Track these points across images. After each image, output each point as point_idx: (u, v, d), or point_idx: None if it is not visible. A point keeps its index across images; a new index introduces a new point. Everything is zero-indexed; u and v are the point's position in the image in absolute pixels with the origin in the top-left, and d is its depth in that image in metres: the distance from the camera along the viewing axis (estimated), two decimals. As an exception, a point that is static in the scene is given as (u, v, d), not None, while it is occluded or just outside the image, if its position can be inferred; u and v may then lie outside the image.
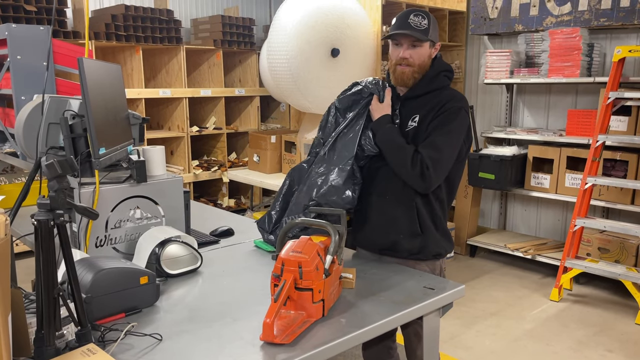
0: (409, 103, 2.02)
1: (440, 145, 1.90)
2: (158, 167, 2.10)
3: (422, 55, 1.96)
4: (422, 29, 1.93)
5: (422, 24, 1.93)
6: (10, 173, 4.65)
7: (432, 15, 2.01)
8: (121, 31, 4.67)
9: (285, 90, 3.97)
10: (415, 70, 1.97)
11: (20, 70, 2.74)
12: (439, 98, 1.98)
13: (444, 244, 2.06)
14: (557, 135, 4.29)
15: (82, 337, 1.30)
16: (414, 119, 1.98)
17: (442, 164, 1.91)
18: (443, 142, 1.91)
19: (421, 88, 2.01)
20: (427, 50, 1.98)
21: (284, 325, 1.41)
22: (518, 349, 3.20)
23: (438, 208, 2.02)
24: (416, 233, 1.97)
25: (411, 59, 1.96)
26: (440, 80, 2.02)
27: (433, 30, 1.96)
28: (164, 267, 1.82)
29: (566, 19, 4.19)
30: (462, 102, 1.98)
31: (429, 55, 2.00)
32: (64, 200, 1.23)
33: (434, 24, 1.99)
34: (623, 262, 3.95)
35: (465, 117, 1.97)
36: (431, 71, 2.01)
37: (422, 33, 1.92)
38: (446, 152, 1.92)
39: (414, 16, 1.94)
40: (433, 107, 1.96)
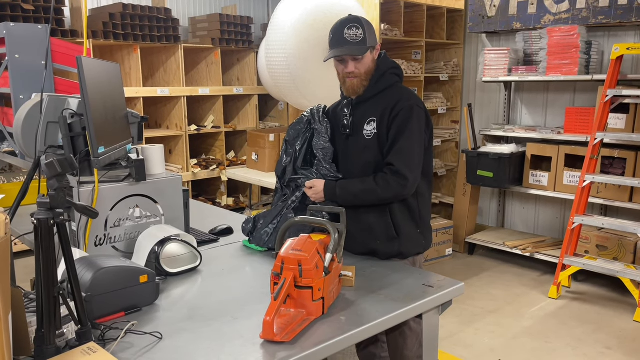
0: (361, 106, 2.06)
1: (407, 149, 1.96)
2: (157, 166, 2.10)
3: (366, 63, 2.00)
4: (359, 40, 1.95)
5: (357, 36, 1.95)
6: (9, 172, 4.64)
7: (363, 19, 2.01)
8: (119, 30, 4.66)
9: (284, 88, 3.97)
10: (363, 79, 2.02)
11: (18, 69, 2.74)
12: (388, 99, 2.00)
13: (423, 241, 2.10)
14: (556, 133, 4.29)
15: (83, 335, 1.30)
16: (369, 123, 2.02)
17: (415, 165, 1.97)
18: (409, 145, 1.96)
19: (370, 90, 2.04)
20: (369, 56, 2.01)
21: (284, 324, 1.41)
22: (517, 346, 3.21)
23: (418, 203, 2.06)
24: (392, 237, 2.02)
25: (357, 70, 2.00)
26: (387, 79, 2.05)
27: (370, 35, 1.98)
28: (163, 266, 1.83)
29: (564, 17, 4.20)
30: (412, 99, 2.01)
31: (372, 59, 2.03)
32: (63, 199, 1.23)
33: (369, 27, 2.00)
34: (621, 259, 3.96)
35: (418, 111, 1.99)
36: (377, 72, 2.04)
37: (359, 45, 1.95)
38: (415, 152, 1.98)
39: (348, 30, 1.96)
40: (385, 108, 1.99)
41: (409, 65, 4.75)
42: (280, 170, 2.18)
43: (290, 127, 2.20)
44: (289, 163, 2.15)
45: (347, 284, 1.75)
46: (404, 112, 1.97)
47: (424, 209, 2.09)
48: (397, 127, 1.97)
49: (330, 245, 1.57)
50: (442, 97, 5.22)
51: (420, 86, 4.86)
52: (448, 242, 4.78)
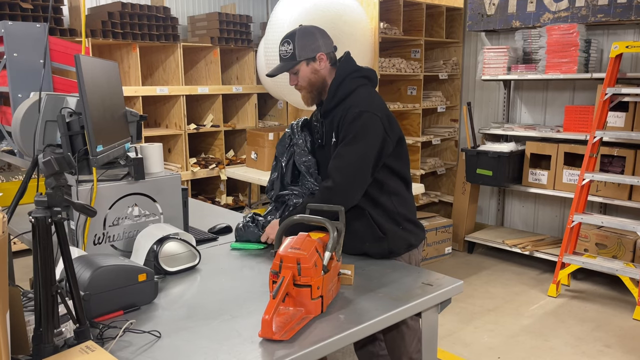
0: (328, 115, 2.06)
1: (342, 154, 1.93)
2: (156, 165, 2.10)
3: (304, 76, 2.02)
4: (288, 55, 2.01)
5: (287, 51, 2.01)
6: (8, 171, 4.64)
7: (303, 30, 2.01)
8: (118, 29, 4.66)
9: (283, 87, 3.97)
10: (307, 90, 2.05)
11: (16, 68, 2.73)
12: (346, 106, 1.98)
13: (411, 237, 2.08)
14: (555, 131, 4.29)
15: (81, 334, 1.30)
16: (337, 132, 2.01)
17: (347, 170, 1.91)
18: (346, 151, 1.93)
19: (329, 100, 2.03)
20: (306, 69, 2.01)
21: (283, 322, 1.41)
22: (516, 344, 3.21)
23: (394, 204, 2.03)
24: (379, 237, 2.01)
25: (298, 84, 2.04)
26: (347, 85, 2.01)
27: (301, 48, 1.99)
28: (162, 265, 1.82)
29: (563, 15, 4.19)
30: (363, 104, 1.95)
31: (313, 70, 2.02)
32: (61, 198, 1.23)
33: (304, 38, 1.99)
34: (620, 257, 3.96)
35: (369, 117, 1.93)
36: (336, 79, 2.02)
37: (288, 61, 2.00)
38: (349, 158, 1.92)
39: (281, 46, 2.03)
40: (340, 118, 1.98)
41: (408, 63, 4.75)
42: (269, 186, 2.22)
43: (278, 143, 2.22)
44: (276, 179, 2.18)
45: (346, 283, 1.75)
46: (350, 118, 1.93)
47: (401, 207, 2.06)
48: (343, 134, 1.95)
49: (329, 243, 1.56)
50: (442, 96, 5.22)
51: (419, 85, 4.86)
52: (447, 241, 4.78)
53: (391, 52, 5.03)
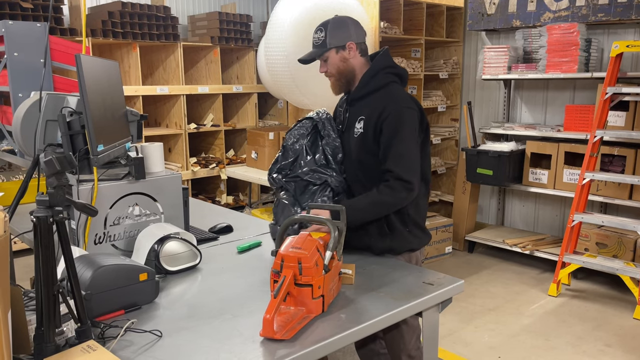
0: (355, 104, 2.08)
1: (404, 153, 1.94)
2: (156, 164, 2.10)
3: (332, 64, 2.06)
4: (319, 43, 2.06)
5: (319, 39, 2.06)
6: (8, 171, 4.63)
7: (336, 20, 2.06)
8: (118, 28, 4.66)
9: (283, 87, 3.96)
10: (335, 78, 2.09)
11: (17, 68, 2.73)
12: (378, 101, 2.00)
13: (415, 241, 2.09)
14: (555, 130, 4.29)
15: (82, 333, 1.30)
16: (359, 121, 2.03)
17: (415, 167, 1.96)
18: (405, 148, 1.94)
19: (360, 89, 2.06)
20: (335, 57, 2.05)
21: (284, 321, 1.41)
22: (517, 344, 3.21)
23: (409, 206, 2.03)
24: (384, 233, 2.03)
25: (327, 71, 2.09)
26: (381, 78, 2.04)
27: (332, 37, 2.03)
28: (163, 264, 1.82)
29: (564, 15, 4.19)
30: (402, 101, 1.99)
31: (342, 58, 2.05)
32: (62, 197, 1.23)
33: (336, 28, 2.04)
34: (621, 257, 3.96)
35: (409, 113, 1.97)
36: (370, 70, 2.05)
37: (319, 48, 2.06)
38: (413, 155, 1.97)
39: (314, 33, 2.08)
40: (374, 110, 1.99)
41: (408, 63, 4.74)
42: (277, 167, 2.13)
43: (293, 131, 2.17)
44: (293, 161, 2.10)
45: (346, 282, 1.75)
46: (393, 116, 1.94)
47: (412, 210, 2.06)
48: (389, 132, 1.94)
49: (330, 243, 1.56)
50: (442, 95, 5.22)
51: (419, 84, 4.86)
52: (448, 240, 4.78)
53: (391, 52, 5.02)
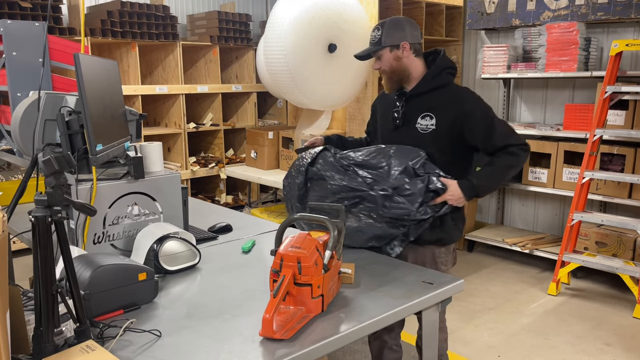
0: (414, 99, 2.15)
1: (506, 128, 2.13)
2: (155, 164, 2.10)
3: (386, 61, 2.14)
4: (375, 41, 2.14)
5: (375, 37, 2.15)
6: (7, 170, 4.63)
7: (393, 20, 2.13)
8: (117, 27, 4.65)
9: (283, 86, 3.96)
10: (388, 76, 2.17)
11: (15, 67, 2.73)
12: (449, 99, 2.10)
13: (457, 232, 2.22)
14: (555, 129, 4.29)
15: (81, 333, 1.30)
16: (424, 117, 2.10)
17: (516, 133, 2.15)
18: (504, 125, 2.13)
19: (424, 85, 2.13)
20: (389, 55, 2.13)
21: (284, 321, 1.41)
22: (516, 343, 3.21)
23: None
24: (435, 225, 2.11)
25: (381, 68, 2.17)
26: (443, 77, 2.14)
27: (388, 36, 2.10)
28: (162, 264, 1.82)
29: (563, 13, 4.19)
30: (473, 95, 2.15)
31: (395, 57, 2.13)
32: (61, 197, 1.23)
33: (392, 28, 2.11)
34: (620, 256, 3.96)
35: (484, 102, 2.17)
36: (434, 69, 2.14)
37: (374, 46, 2.15)
38: (512, 128, 2.16)
39: (372, 31, 2.17)
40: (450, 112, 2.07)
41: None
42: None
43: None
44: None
45: (346, 281, 1.75)
46: (478, 110, 2.09)
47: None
48: (483, 123, 2.08)
49: (330, 242, 1.56)
50: (441, 94, 5.21)
51: (419, 83, 4.85)
52: (447, 239, 4.77)
53: (391, 51, 5.03)
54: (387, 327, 2.19)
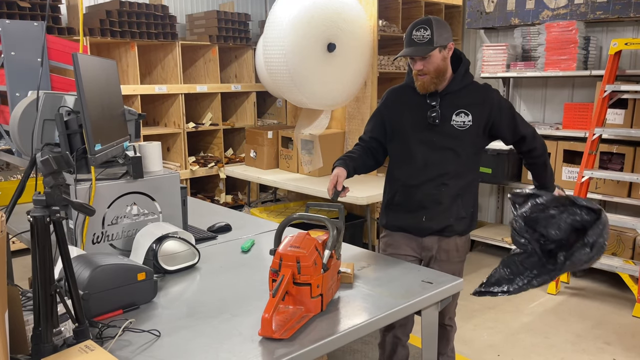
0: (448, 97, 2.19)
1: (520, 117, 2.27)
2: (155, 163, 2.09)
3: (434, 62, 2.11)
4: (425, 41, 2.09)
5: (424, 37, 2.09)
6: (6, 170, 4.63)
7: (436, 19, 2.11)
8: (116, 27, 4.65)
9: (282, 85, 3.96)
10: (432, 77, 2.13)
11: (14, 67, 2.72)
12: (479, 94, 2.20)
13: (474, 222, 2.36)
14: (554, 128, 4.29)
15: (80, 333, 1.30)
16: (459, 114, 2.16)
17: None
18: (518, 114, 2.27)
19: (457, 84, 2.20)
20: (438, 55, 2.11)
21: (283, 320, 1.41)
22: (516, 342, 3.21)
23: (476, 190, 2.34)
24: (462, 216, 2.25)
25: (425, 68, 2.12)
26: (469, 75, 2.26)
27: (439, 36, 2.08)
28: (161, 263, 1.82)
29: (562, 12, 4.19)
30: (493, 89, 2.26)
31: (443, 57, 2.13)
32: (59, 197, 1.23)
33: (440, 27, 2.10)
34: (620, 255, 3.96)
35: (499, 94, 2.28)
36: (462, 68, 2.21)
37: (425, 45, 2.08)
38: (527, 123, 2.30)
39: (415, 31, 2.10)
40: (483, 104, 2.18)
41: (407, 61, 4.73)
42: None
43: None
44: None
45: (345, 281, 1.75)
46: (503, 100, 2.23)
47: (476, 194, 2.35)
48: (509, 112, 2.22)
49: (329, 242, 1.56)
50: (441, 94, 5.21)
51: (418, 82, 4.85)
52: (447, 239, 4.77)
53: (390, 50, 5.02)
54: (401, 322, 2.27)
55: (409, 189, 2.23)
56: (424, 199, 2.21)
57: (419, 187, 2.20)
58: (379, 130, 2.31)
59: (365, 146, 2.33)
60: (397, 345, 2.36)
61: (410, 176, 2.23)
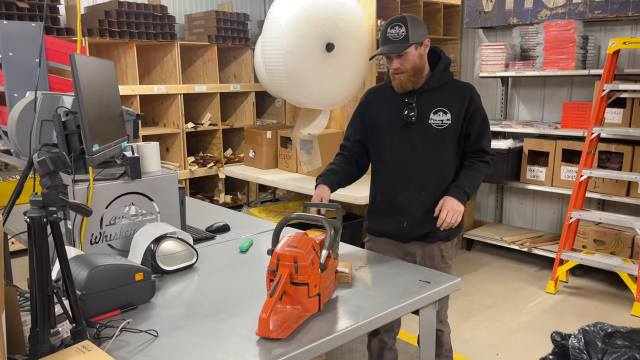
0: (425, 95, 2.14)
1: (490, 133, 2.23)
2: (152, 164, 2.09)
3: (411, 60, 2.07)
4: (400, 38, 2.05)
5: (399, 34, 2.05)
6: (5, 171, 4.63)
7: (410, 16, 2.07)
8: (115, 27, 4.65)
9: (280, 85, 3.96)
10: (409, 75, 2.10)
11: (12, 67, 2.72)
12: (458, 92, 2.15)
13: (460, 227, 2.26)
14: (553, 128, 4.29)
15: (77, 334, 1.30)
16: (437, 112, 2.12)
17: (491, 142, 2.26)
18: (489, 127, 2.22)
19: (435, 81, 2.14)
20: (414, 52, 2.07)
21: (280, 320, 1.41)
22: (515, 341, 3.21)
23: None
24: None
25: (402, 66, 2.08)
26: (448, 73, 2.18)
27: (414, 33, 2.04)
28: (159, 264, 1.82)
29: (561, 12, 4.19)
30: (474, 88, 2.21)
31: (419, 54, 2.09)
32: (56, 197, 1.23)
33: (415, 24, 2.06)
34: (618, 253, 3.96)
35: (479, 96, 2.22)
36: (441, 65, 2.16)
37: (400, 43, 2.04)
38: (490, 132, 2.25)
39: (390, 29, 2.07)
40: (461, 101, 2.13)
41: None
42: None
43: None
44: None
45: (343, 281, 1.75)
46: (480, 105, 2.17)
47: None
48: (481, 119, 2.16)
49: (326, 241, 1.56)
50: (439, 93, 5.21)
51: (417, 82, 4.85)
52: (446, 238, 4.77)
53: (389, 50, 5.03)
54: (387, 327, 2.21)
55: (388, 192, 2.19)
56: (404, 204, 2.16)
57: (399, 190, 2.16)
58: (361, 132, 2.27)
59: (348, 154, 2.29)
60: (384, 349, 2.34)
61: (389, 179, 2.19)
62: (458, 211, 2.06)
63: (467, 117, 2.13)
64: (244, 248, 2.12)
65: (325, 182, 2.14)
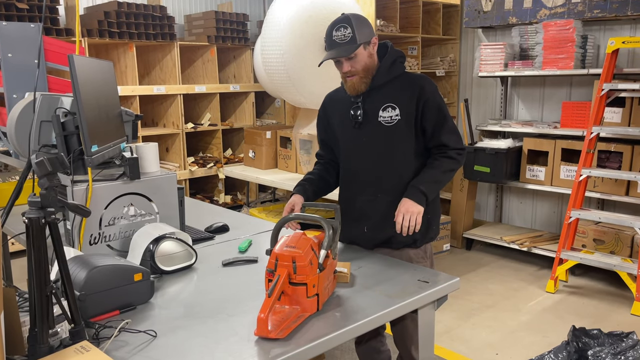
0: (373, 93, 2.06)
1: (453, 127, 2.07)
2: (151, 164, 2.10)
3: (361, 61, 1.99)
4: (347, 39, 1.96)
5: (345, 36, 1.96)
6: (4, 172, 4.63)
7: (354, 15, 1.99)
8: (114, 28, 4.65)
9: (280, 85, 3.96)
10: (361, 76, 2.02)
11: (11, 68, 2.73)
12: (407, 85, 2.04)
13: (432, 231, 2.15)
14: (552, 127, 4.29)
15: (76, 334, 1.30)
16: (385, 109, 2.03)
17: (461, 136, 2.10)
18: (451, 122, 2.07)
19: (382, 77, 2.05)
20: (364, 53, 2.00)
21: (279, 320, 1.41)
22: (514, 340, 3.21)
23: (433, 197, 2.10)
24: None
25: (353, 69, 2.00)
26: (397, 67, 2.08)
27: (360, 33, 1.97)
28: (158, 264, 1.82)
29: (560, 11, 4.19)
30: (430, 82, 2.08)
31: (369, 54, 2.02)
32: (54, 198, 1.23)
33: (360, 23, 1.98)
34: (618, 253, 3.96)
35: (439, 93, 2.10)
36: (387, 58, 2.06)
37: (348, 45, 1.96)
38: (456, 127, 2.11)
39: (335, 31, 1.98)
40: (410, 95, 2.02)
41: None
42: None
43: None
44: None
45: (342, 280, 1.75)
46: (434, 95, 2.03)
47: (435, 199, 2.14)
48: (436, 110, 2.02)
49: (325, 241, 1.56)
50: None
51: (416, 82, 4.85)
52: (446, 238, 4.78)
53: (388, 50, 5.03)
54: (373, 331, 2.13)
55: (348, 197, 2.13)
56: (363, 208, 2.08)
57: (357, 195, 2.09)
58: (328, 138, 2.23)
59: (324, 162, 2.25)
60: (372, 353, 2.33)
61: (347, 183, 2.14)
62: (415, 213, 1.94)
63: (419, 109, 2.01)
64: (243, 248, 2.12)
65: (299, 192, 2.10)
